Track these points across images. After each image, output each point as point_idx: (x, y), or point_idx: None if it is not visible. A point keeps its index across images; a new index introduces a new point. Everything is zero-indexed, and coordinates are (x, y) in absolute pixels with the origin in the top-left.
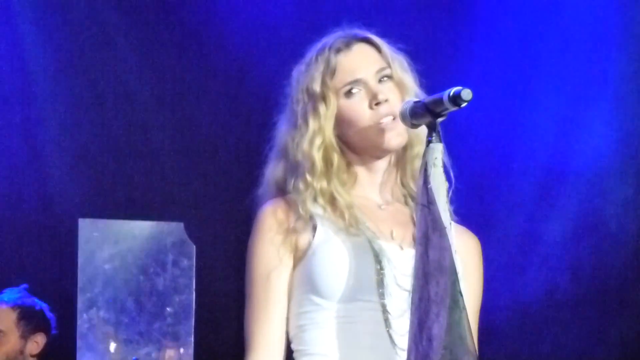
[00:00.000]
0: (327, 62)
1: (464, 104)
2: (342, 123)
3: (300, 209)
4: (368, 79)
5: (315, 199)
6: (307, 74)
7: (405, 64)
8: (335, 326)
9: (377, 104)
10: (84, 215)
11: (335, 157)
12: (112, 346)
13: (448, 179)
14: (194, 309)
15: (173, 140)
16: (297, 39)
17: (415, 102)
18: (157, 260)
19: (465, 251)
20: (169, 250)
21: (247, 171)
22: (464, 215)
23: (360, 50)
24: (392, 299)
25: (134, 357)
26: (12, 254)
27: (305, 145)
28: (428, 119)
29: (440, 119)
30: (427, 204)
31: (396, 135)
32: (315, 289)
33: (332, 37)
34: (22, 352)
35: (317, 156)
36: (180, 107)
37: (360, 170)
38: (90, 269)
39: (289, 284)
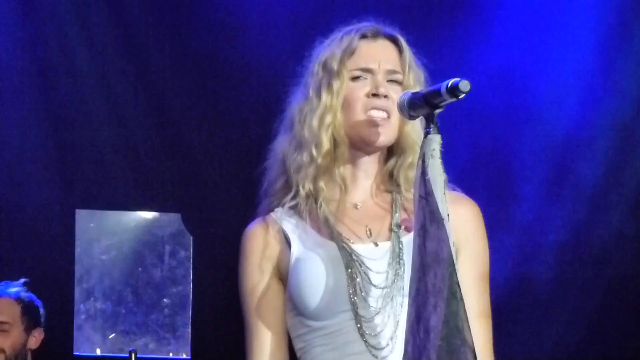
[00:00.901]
0: (350, 43)
1: (462, 95)
2: (343, 106)
3: (300, 187)
4: (378, 72)
5: (315, 178)
6: (328, 50)
7: (422, 79)
8: (325, 343)
9: (375, 95)
10: (81, 207)
11: (341, 144)
12: (109, 337)
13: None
14: (191, 300)
15: (171, 132)
16: (296, 41)
17: (414, 94)
18: (154, 252)
19: (462, 217)
20: (166, 241)
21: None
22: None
23: (384, 45)
24: (366, 301)
25: (130, 348)
26: (9, 246)
27: (315, 121)
28: (426, 110)
29: (438, 111)
30: (424, 195)
31: (383, 132)
32: (298, 310)
33: (363, 24)
34: (24, 345)
35: (325, 136)
36: (178, 102)
37: (346, 168)
38: (87, 260)
39: (281, 307)
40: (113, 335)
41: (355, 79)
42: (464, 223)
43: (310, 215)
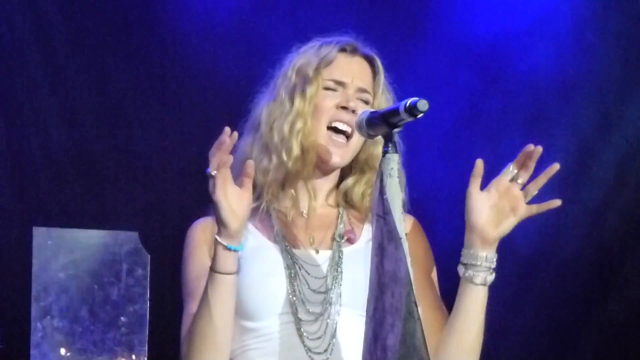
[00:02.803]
0: (328, 53)
1: (420, 115)
2: (313, 113)
3: (266, 190)
4: (350, 87)
5: (283, 182)
6: (305, 57)
7: (391, 104)
8: (260, 347)
9: (344, 107)
10: (38, 224)
11: (310, 150)
12: (66, 355)
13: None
14: (147, 319)
15: (127, 149)
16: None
17: (372, 113)
18: (111, 270)
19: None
20: (124, 259)
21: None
22: None
23: (360, 63)
24: (305, 305)
25: None
26: None
27: (285, 127)
28: (384, 129)
29: (396, 130)
30: (382, 214)
31: (338, 154)
32: (239, 312)
33: (344, 38)
34: None
35: (295, 142)
36: (137, 118)
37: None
38: (44, 278)
39: None
40: (69, 353)
41: (327, 89)
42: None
43: (258, 218)
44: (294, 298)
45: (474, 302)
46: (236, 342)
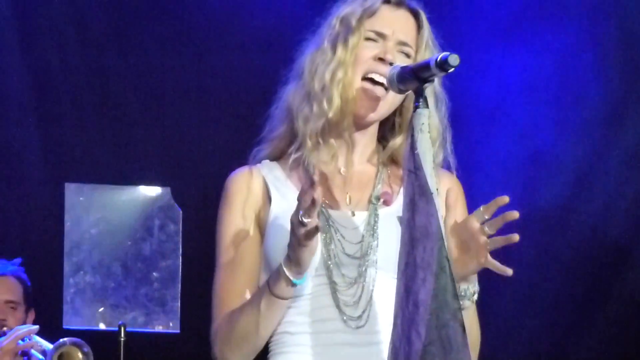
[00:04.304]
0: (372, 4)
1: (451, 70)
2: (354, 63)
3: (308, 139)
4: (390, 39)
5: (323, 132)
6: (350, 6)
7: None
8: (294, 305)
9: (381, 59)
10: (70, 180)
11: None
12: (99, 310)
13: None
14: (180, 274)
15: (159, 105)
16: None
17: (403, 67)
18: (143, 225)
19: (447, 193)
20: (156, 215)
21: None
22: None
23: (404, 16)
24: (340, 269)
25: (120, 322)
26: None
27: (327, 75)
28: (415, 84)
29: (427, 85)
30: (413, 169)
31: (372, 108)
32: (270, 268)
33: None
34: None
35: (336, 91)
36: (168, 76)
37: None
38: (76, 234)
39: (258, 258)
40: (102, 309)
41: (368, 39)
42: (447, 198)
43: (297, 173)
44: (329, 262)
45: (465, 313)
46: None
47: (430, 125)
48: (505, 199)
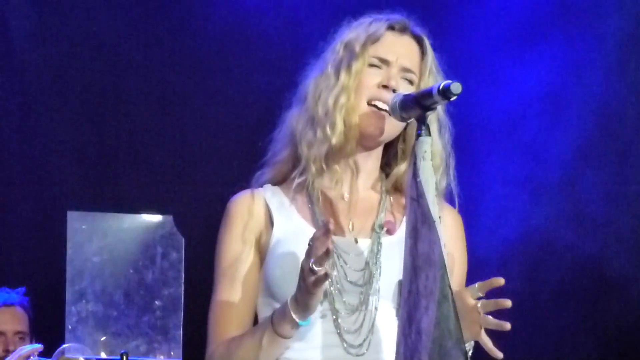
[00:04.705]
0: (376, 30)
1: (453, 97)
2: (356, 89)
3: (311, 164)
4: (394, 65)
5: (327, 158)
6: (355, 31)
7: None
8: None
9: (385, 86)
10: (73, 208)
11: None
12: (101, 339)
13: None
14: (182, 302)
15: (163, 134)
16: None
17: (405, 95)
18: (146, 254)
19: (445, 226)
20: (158, 243)
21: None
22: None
23: (408, 42)
24: (342, 296)
25: (122, 351)
26: (0, 247)
27: (330, 100)
28: (418, 112)
29: (429, 113)
30: (416, 197)
31: (380, 127)
32: (271, 292)
33: (395, 15)
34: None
35: (339, 117)
36: (173, 104)
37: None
38: (78, 262)
39: (256, 283)
40: (104, 337)
41: (371, 65)
42: (445, 231)
43: (300, 197)
44: (331, 288)
45: None
46: None
47: (433, 152)
48: (501, 281)
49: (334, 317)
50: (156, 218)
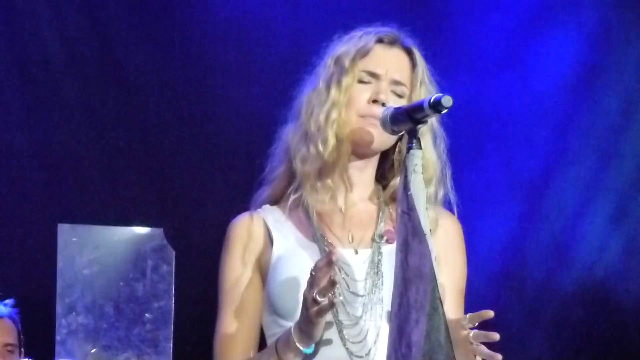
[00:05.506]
0: (365, 44)
1: (444, 111)
2: (347, 104)
3: (305, 180)
4: (383, 79)
5: (320, 173)
6: (344, 46)
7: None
8: None
9: (375, 101)
10: (63, 221)
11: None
12: (91, 352)
13: None
14: (172, 315)
15: (153, 146)
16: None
17: (396, 108)
18: (136, 266)
19: (444, 232)
20: (148, 256)
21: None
22: None
23: (397, 55)
24: (345, 307)
25: None
26: None
27: (321, 116)
28: (408, 125)
29: (420, 126)
30: (407, 210)
31: (373, 135)
32: (275, 309)
33: (384, 28)
34: None
35: (331, 132)
36: (162, 116)
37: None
38: (69, 274)
39: (259, 304)
40: (95, 350)
41: (361, 81)
42: (445, 238)
43: (297, 213)
44: (334, 300)
45: None
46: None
47: (427, 164)
48: (490, 313)
49: (338, 329)
50: (147, 230)
